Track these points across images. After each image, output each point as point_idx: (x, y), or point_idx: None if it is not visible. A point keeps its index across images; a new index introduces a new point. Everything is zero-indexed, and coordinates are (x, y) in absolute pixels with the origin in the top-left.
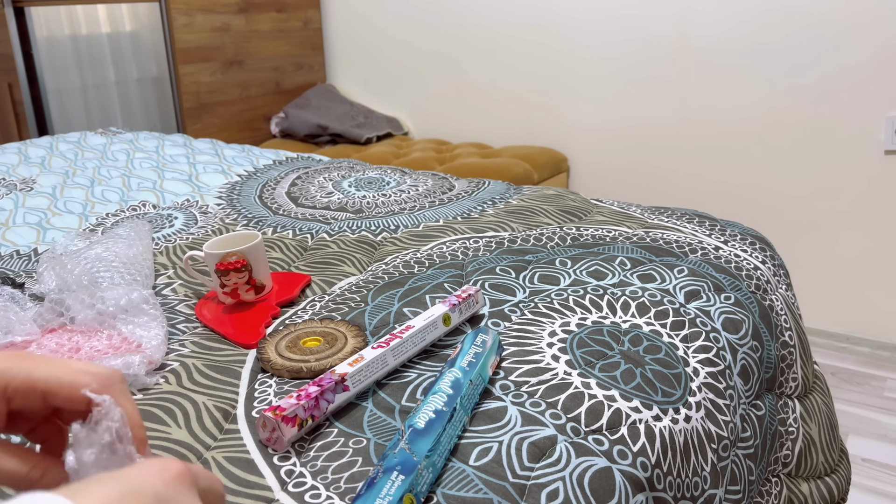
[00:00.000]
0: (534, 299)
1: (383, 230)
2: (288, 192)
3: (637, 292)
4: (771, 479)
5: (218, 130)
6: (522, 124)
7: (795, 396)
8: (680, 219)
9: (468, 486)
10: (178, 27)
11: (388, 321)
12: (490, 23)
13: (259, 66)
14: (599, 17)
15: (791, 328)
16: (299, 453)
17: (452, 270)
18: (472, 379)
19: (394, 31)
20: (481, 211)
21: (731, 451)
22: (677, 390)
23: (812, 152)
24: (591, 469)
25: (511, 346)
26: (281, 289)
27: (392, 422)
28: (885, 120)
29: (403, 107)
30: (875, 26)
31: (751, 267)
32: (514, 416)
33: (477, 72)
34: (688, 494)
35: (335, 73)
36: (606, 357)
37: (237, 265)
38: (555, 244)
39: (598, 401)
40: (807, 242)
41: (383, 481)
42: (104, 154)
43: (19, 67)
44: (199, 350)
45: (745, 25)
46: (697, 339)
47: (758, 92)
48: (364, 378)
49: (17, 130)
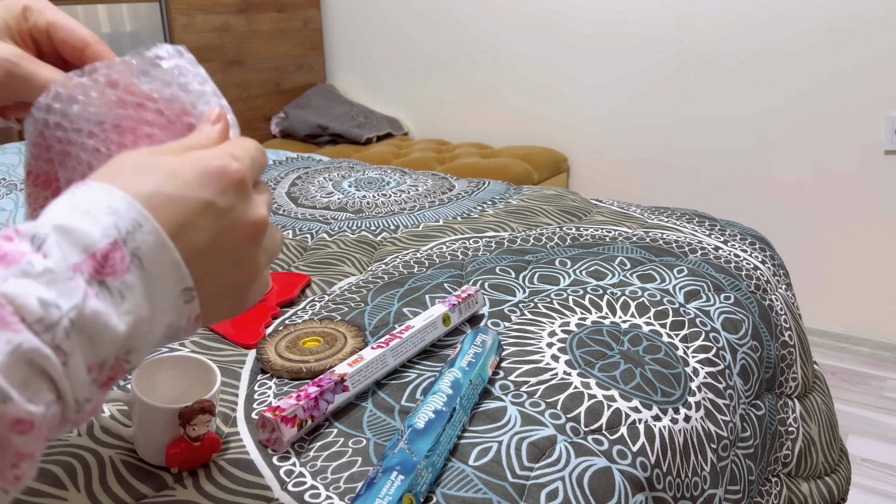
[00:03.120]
0: (533, 299)
1: (383, 230)
2: (288, 192)
3: (637, 292)
4: (771, 479)
5: None
6: (522, 124)
7: (795, 396)
8: (680, 219)
9: (468, 486)
10: (178, 27)
11: (388, 321)
12: (491, 23)
13: (259, 66)
14: (600, 17)
15: (791, 328)
16: (299, 453)
17: (452, 270)
18: (472, 379)
19: (394, 31)
20: (481, 211)
21: (730, 451)
22: (677, 390)
23: (812, 152)
24: (591, 469)
25: (511, 346)
26: (281, 289)
27: (392, 422)
28: (885, 120)
29: (403, 107)
30: (875, 26)
31: (750, 267)
32: (513, 416)
33: (477, 72)
34: (687, 494)
35: (335, 73)
36: (606, 357)
37: None
38: (555, 244)
39: (597, 401)
40: (807, 242)
41: (383, 481)
42: None
43: None
44: (199, 350)
45: (745, 26)
46: (697, 339)
47: (758, 92)
48: (364, 378)
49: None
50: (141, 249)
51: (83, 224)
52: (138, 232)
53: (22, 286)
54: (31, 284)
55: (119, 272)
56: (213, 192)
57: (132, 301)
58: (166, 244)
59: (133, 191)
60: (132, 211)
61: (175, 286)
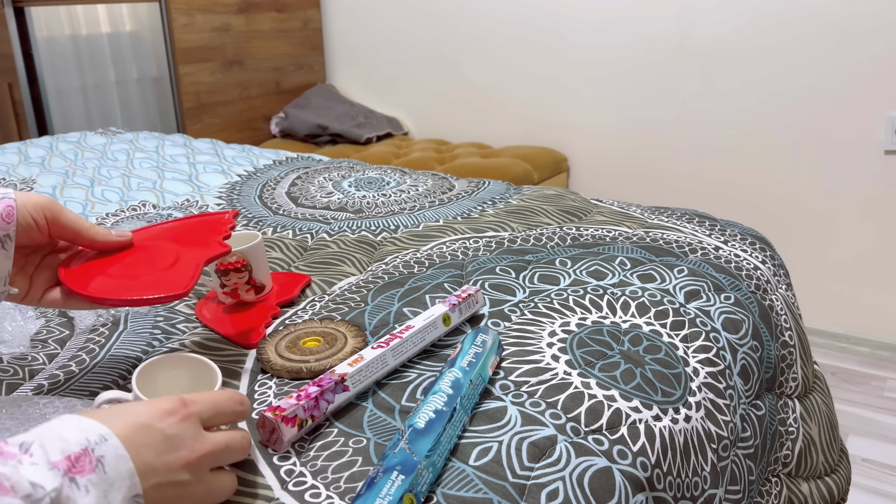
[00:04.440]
0: (534, 299)
1: (383, 230)
2: (288, 192)
3: (637, 292)
4: (771, 479)
5: (218, 130)
6: (522, 124)
7: (795, 396)
8: (680, 219)
9: (468, 486)
10: (178, 27)
11: (388, 321)
12: (490, 23)
13: (259, 66)
14: (600, 17)
15: (791, 328)
16: (299, 453)
17: (452, 270)
18: (472, 379)
19: (394, 30)
20: (481, 211)
21: (731, 451)
22: (677, 390)
23: (812, 152)
24: (591, 469)
25: (511, 346)
26: (281, 289)
27: (392, 422)
28: (885, 120)
29: (403, 107)
30: (875, 26)
31: (751, 267)
32: (513, 415)
33: (477, 72)
34: (688, 494)
35: (335, 73)
36: (606, 357)
37: (237, 265)
38: (555, 244)
39: (597, 401)
40: (807, 242)
41: (383, 481)
42: (104, 154)
43: (19, 67)
44: (199, 350)
45: (745, 26)
46: (697, 339)
47: (758, 92)
48: (364, 378)
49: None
50: (105, 457)
51: (63, 434)
52: (103, 444)
53: (15, 472)
54: (22, 471)
55: (87, 471)
56: (160, 422)
57: (94, 496)
58: (123, 455)
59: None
60: (100, 429)
61: (129, 491)
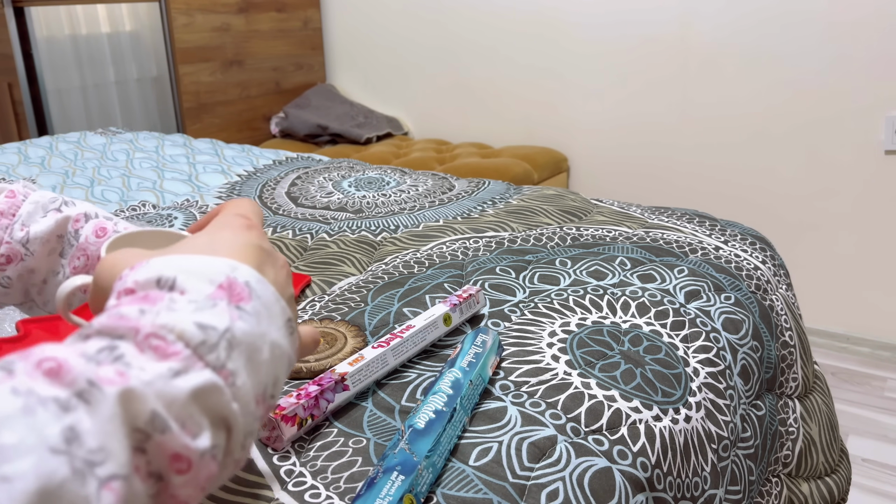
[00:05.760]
0: (534, 299)
1: (383, 230)
2: (288, 192)
3: (637, 292)
4: (771, 480)
5: (218, 130)
6: (522, 124)
7: (795, 396)
8: (680, 219)
9: (468, 487)
10: (178, 27)
11: (388, 321)
12: (490, 22)
13: (259, 66)
14: (600, 16)
15: (791, 328)
16: (299, 453)
17: (452, 270)
18: (472, 379)
19: (394, 30)
20: (481, 211)
21: (731, 452)
22: (677, 390)
23: (812, 152)
24: (591, 469)
25: (511, 347)
26: None
27: (392, 422)
28: (885, 120)
29: (403, 107)
30: (875, 26)
31: (751, 267)
32: (513, 416)
33: (477, 71)
34: (688, 495)
35: (335, 73)
36: (606, 357)
37: None
38: (555, 244)
39: (598, 401)
40: (807, 242)
41: (383, 481)
42: (104, 154)
43: (19, 67)
44: None
45: (745, 26)
46: (697, 339)
47: (758, 92)
48: (364, 378)
49: (17, 130)
50: (249, 282)
51: (199, 265)
52: (239, 269)
53: (176, 317)
54: (182, 314)
55: (246, 299)
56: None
57: (263, 325)
58: (262, 279)
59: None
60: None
61: (280, 316)
